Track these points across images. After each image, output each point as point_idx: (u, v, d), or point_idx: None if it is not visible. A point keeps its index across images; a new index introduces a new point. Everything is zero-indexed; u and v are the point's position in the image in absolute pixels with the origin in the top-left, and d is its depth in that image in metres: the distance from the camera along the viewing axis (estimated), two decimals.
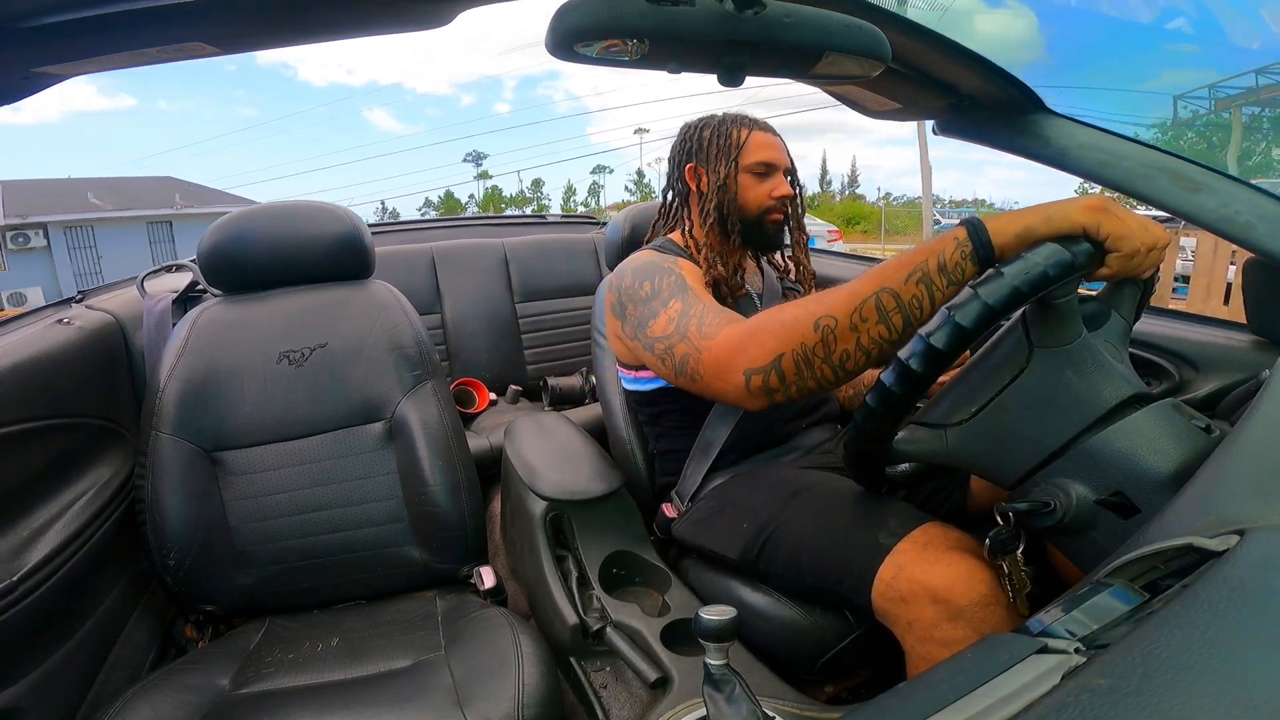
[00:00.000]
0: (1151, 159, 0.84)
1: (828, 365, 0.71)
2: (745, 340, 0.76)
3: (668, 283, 0.93)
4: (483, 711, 0.73)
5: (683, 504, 1.09)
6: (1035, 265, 0.58)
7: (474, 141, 72.18)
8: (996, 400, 0.66)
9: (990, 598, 0.68)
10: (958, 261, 0.64)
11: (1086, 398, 0.62)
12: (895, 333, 0.67)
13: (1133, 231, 0.61)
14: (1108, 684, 0.27)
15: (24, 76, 0.60)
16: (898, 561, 0.74)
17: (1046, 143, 0.91)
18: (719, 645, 0.54)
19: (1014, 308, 0.59)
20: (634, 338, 0.95)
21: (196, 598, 1.04)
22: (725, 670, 0.54)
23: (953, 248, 0.65)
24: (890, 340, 0.68)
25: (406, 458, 1.10)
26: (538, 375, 2.11)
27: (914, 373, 0.61)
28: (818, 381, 0.72)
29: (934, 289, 0.65)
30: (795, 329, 0.71)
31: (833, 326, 0.69)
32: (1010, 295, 0.58)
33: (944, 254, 0.65)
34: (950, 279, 0.65)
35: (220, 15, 0.59)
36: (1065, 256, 0.59)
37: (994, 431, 0.67)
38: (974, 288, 0.59)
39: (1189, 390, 0.96)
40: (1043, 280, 0.58)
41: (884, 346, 0.69)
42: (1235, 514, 0.37)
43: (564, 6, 0.59)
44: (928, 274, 0.65)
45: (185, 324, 1.13)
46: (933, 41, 0.83)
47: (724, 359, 0.78)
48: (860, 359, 0.70)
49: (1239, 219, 0.77)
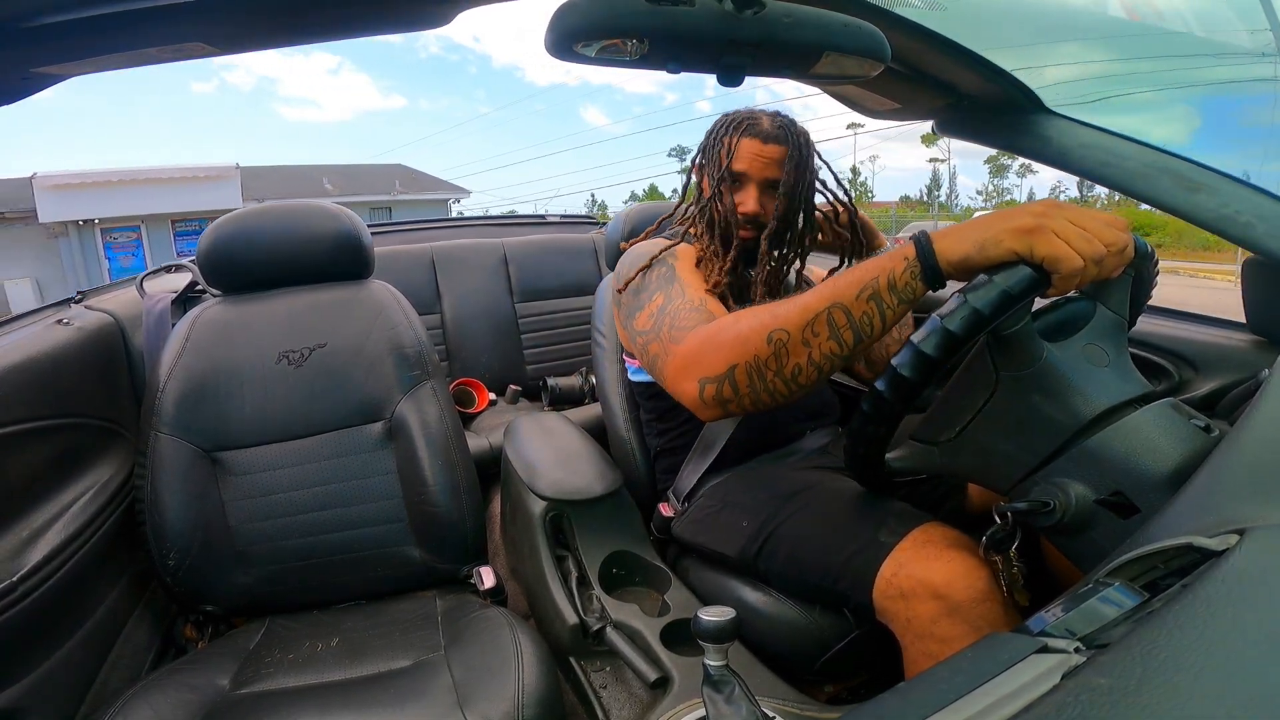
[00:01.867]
0: (1152, 159, 0.84)
1: (779, 379, 0.71)
2: (703, 347, 0.77)
3: (657, 274, 0.93)
4: (483, 711, 0.73)
5: (678, 503, 1.09)
6: (967, 308, 0.58)
7: (678, 137, 72.78)
8: (974, 421, 0.67)
9: (987, 593, 0.69)
10: (907, 281, 0.64)
11: (1056, 418, 0.62)
12: (846, 348, 0.68)
13: (1070, 250, 0.57)
14: (1108, 683, 0.27)
15: (24, 77, 0.60)
16: (899, 559, 0.74)
17: (1047, 143, 0.91)
18: (718, 646, 0.54)
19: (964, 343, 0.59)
20: (625, 326, 0.97)
21: (196, 598, 1.04)
22: (724, 671, 0.54)
23: (902, 267, 0.64)
24: (841, 355, 0.68)
25: (406, 458, 1.10)
26: (537, 375, 2.11)
27: (905, 379, 0.62)
28: (770, 394, 0.72)
29: (884, 306, 0.65)
30: (749, 341, 0.72)
31: (785, 340, 0.69)
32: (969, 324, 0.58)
33: (894, 273, 0.65)
34: (900, 298, 0.65)
35: (219, 15, 0.59)
36: (993, 295, 0.57)
37: (980, 448, 0.68)
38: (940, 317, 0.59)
39: (1188, 390, 0.96)
40: (984, 321, 0.58)
41: (835, 362, 0.69)
42: (1235, 513, 0.37)
43: (564, 6, 0.59)
44: (878, 291, 0.65)
45: (185, 324, 1.13)
46: (932, 41, 0.83)
47: (684, 365, 0.79)
48: (812, 374, 0.70)
49: (1239, 219, 0.77)
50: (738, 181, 1.01)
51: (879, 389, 0.64)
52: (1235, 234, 0.78)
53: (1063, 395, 0.62)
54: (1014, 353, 0.64)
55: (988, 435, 0.67)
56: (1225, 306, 1.14)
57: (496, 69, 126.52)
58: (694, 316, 0.84)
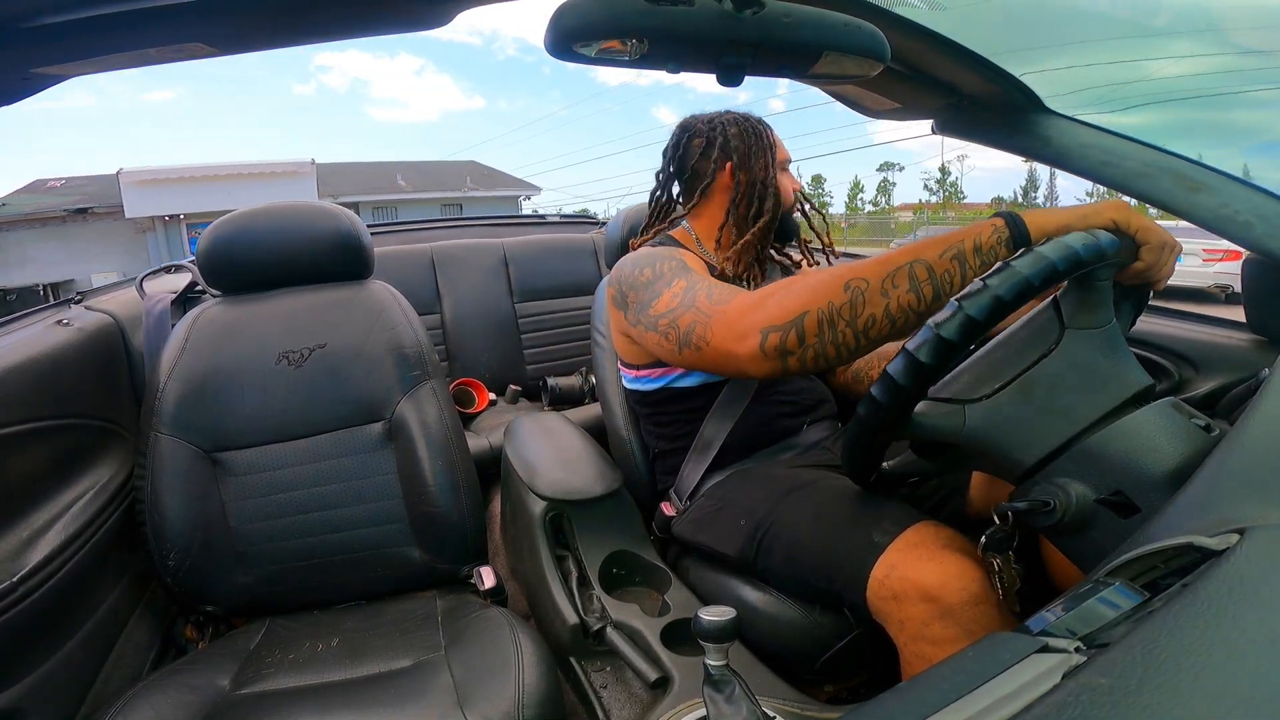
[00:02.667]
0: (1152, 159, 0.84)
1: (851, 329, 0.70)
2: (764, 299, 0.76)
3: (669, 266, 0.93)
4: (483, 711, 0.73)
5: (681, 502, 1.09)
6: (1065, 246, 0.59)
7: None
8: (1021, 378, 0.65)
9: (981, 596, 0.68)
10: (993, 246, 0.68)
11: (1111, 380, 0.62)
12: (924, 303, 0.69)
13: (1158, 228, 0.66)
14: (1108, 683, 0.27)
15: (24, 77, 0.60)
16: (891, 560, 0.74)
17: (1047, 142, 0.91)
18: (718, 646, 0.54)
19: (1034, 292, 0.59)
20: (636, 323, 0.95)
21: (196, 598, 1.04)
22: (725, 671, 0.54)
23: (989, 232, 0.69)
24: (917, 311, 0.69)
25: (406, 458, 1.10)
26: (537, 375, 2.11)
27: (922, 364, 0.60)
28: (837, 347, 0.71)
29: (967, 267, 0.68)
30: (823, 288, 0.72)
31: (863, 289, 0.70)
32: (1046, 272, 0.58)
33: (980, 237, 0.69)
34: (984, 260, 0.68)
35: (219, 16, 0.59)
36: (1093, 240, 0.60)
37: (1014, 411, 0.65)
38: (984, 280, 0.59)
39: (1188, 389, 0.96)
40: (1075, 262, 0.59)
41: (910, 316, 0.70)
42: (1235, 513, 0.37)
43: (563, 6, 0.59)
44: (963, 252, 0.69)
45: (184, 325, 1.13)
46: (932, 41, 0.83)
47: (738, 320, 0.77)
48: (885, 326, 0.70)
49: (1238, 218, 0.77)
50: (785, 168, 1.12)
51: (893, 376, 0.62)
52: (1235, 234, 0.78)
53: (1126, 358, 0.63)
54: (1092, 307, 0.64)
55: (1033, 393, 0.64)
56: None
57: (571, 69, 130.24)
58: (731, 289, 0.84)
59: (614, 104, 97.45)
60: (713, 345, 0.80)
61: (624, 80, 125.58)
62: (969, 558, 0.71)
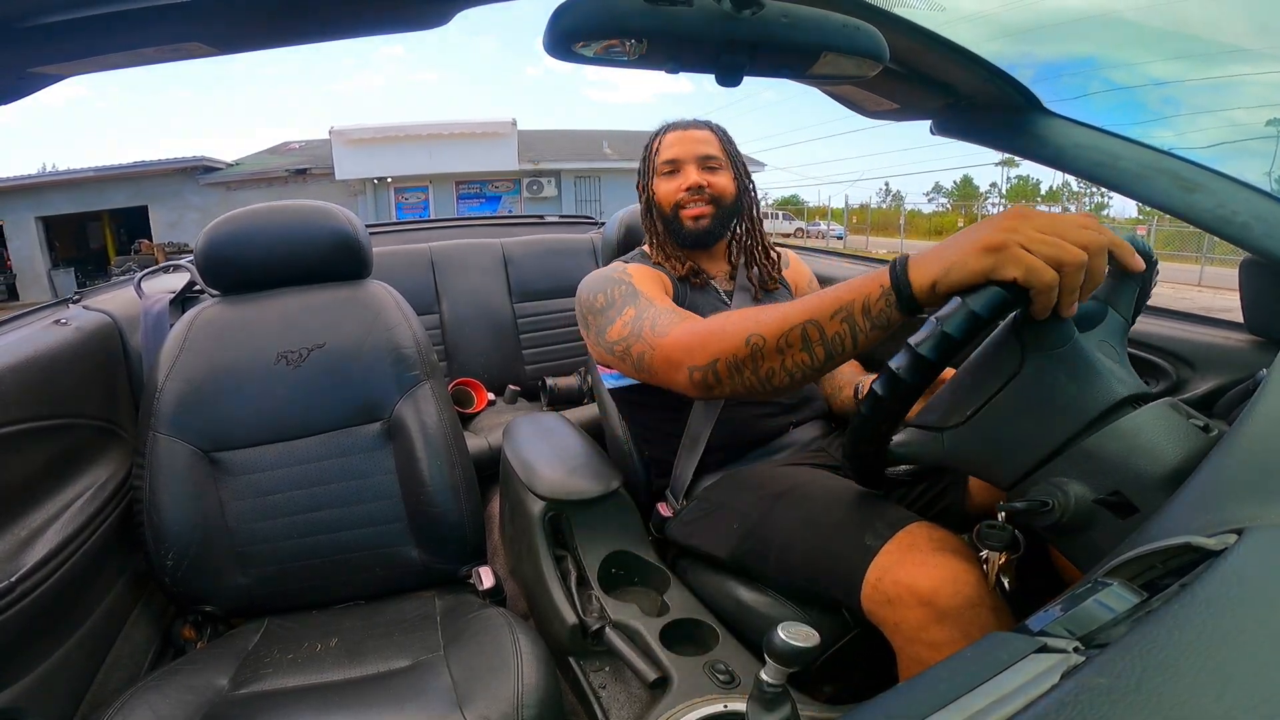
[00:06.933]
0: (1149, 159, 0.84)
1: (755, 377, 0.74)
2: (689, 341, 0.81)
3: (619, 292, 0.98)
4: (482, 711, 0.73)
5: (677, 502, 1.09)
6: (938, 333, 0.57)
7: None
8: (990, 404, 0.66)
9: (977, 599, 0.68)
10: (882, 309, 0.64)
11: (1079, 401, 0.62)
12: (817, 362, 0.70)
13: (1039, 263, 0.54)
14: (1107, 683, 0.27)
15: (22, 77, 0.60)
16: (883, 564, 0.74)
17: (1044, 143, 0.91)
18: (783, 670, 0.51)
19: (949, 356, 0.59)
20: (597, 344, 1.00)
21: (195, 598, 1.04)
22: (780, 692, 0.51)
23: (878, 294, 0.64)
24: (812, 367, 0.70)
25: (405, 458, 1.10)
26: (536, 375, 2.11)
27: (903, 381, 0.61)
28: (747, 388, 0.76)
29: (857, 330, 0.66)
30: (729, 340, 0.75)
31: (761, 345, 0.72)
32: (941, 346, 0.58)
33: (870, 298, 0.65)
34: (874, 323, 0.65)
35: (218, 15, 0.59)
36: (965, 315, 0.57)
37: (989, 435, 0.67)
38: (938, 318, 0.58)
39: (1187, 389, 0.96)
40: (953, 345, 0.57)
41: (806, 372, 0.71)
42: (1233, 513, 0.37)
43: (562, 6, 0.59)
44: (852, 314, 0.66)
45: (183, 324, 1.12)
46: (931, 42, 0.83)
47: (673, 355, 0.83)
48: (784, 379, 0.72)
49: (1236, 219, 0.77)
50: (673, 167, 1.12)
51: (877, 390, 0.64)
52: (1232, 234, 0.78)
53: (1089, 378, 0.62)
54: (1046, 333, 0.63)
55: (1001, 420, 0.65)
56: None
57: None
58: (672, 317, 0.88)
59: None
60: (658, 374, 0.87)
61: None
62: (964, 559, 0.71)
